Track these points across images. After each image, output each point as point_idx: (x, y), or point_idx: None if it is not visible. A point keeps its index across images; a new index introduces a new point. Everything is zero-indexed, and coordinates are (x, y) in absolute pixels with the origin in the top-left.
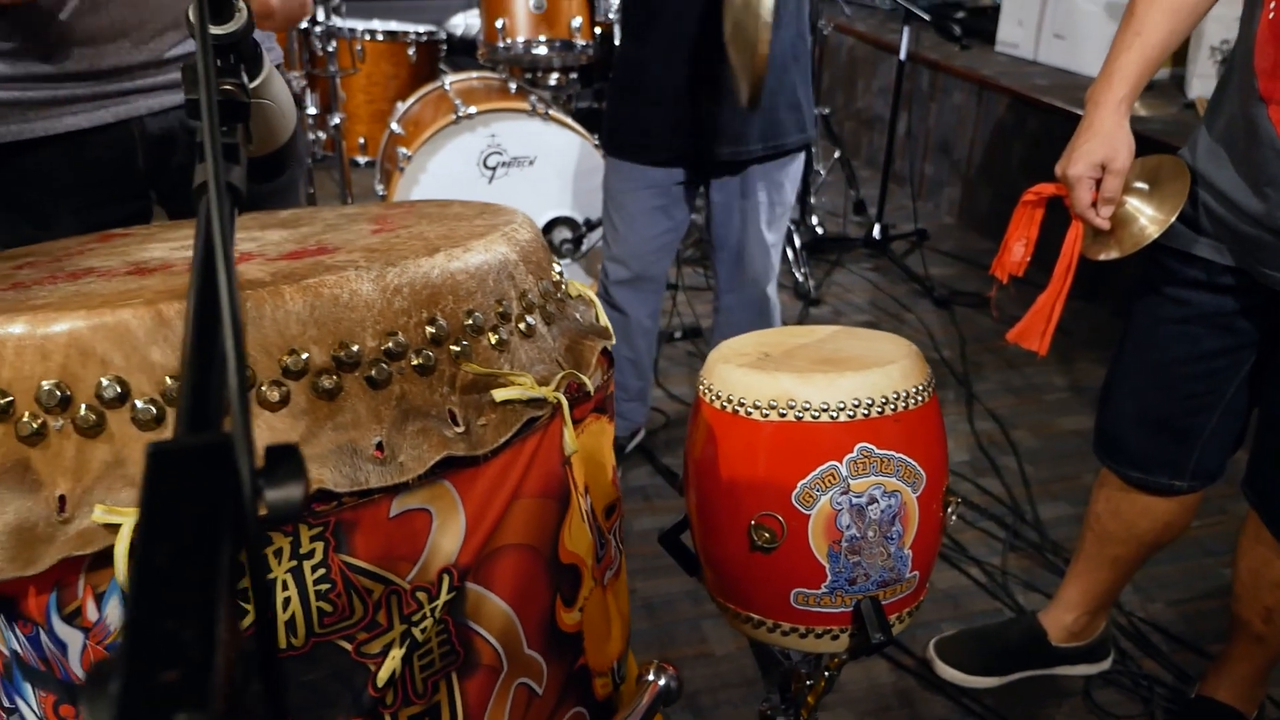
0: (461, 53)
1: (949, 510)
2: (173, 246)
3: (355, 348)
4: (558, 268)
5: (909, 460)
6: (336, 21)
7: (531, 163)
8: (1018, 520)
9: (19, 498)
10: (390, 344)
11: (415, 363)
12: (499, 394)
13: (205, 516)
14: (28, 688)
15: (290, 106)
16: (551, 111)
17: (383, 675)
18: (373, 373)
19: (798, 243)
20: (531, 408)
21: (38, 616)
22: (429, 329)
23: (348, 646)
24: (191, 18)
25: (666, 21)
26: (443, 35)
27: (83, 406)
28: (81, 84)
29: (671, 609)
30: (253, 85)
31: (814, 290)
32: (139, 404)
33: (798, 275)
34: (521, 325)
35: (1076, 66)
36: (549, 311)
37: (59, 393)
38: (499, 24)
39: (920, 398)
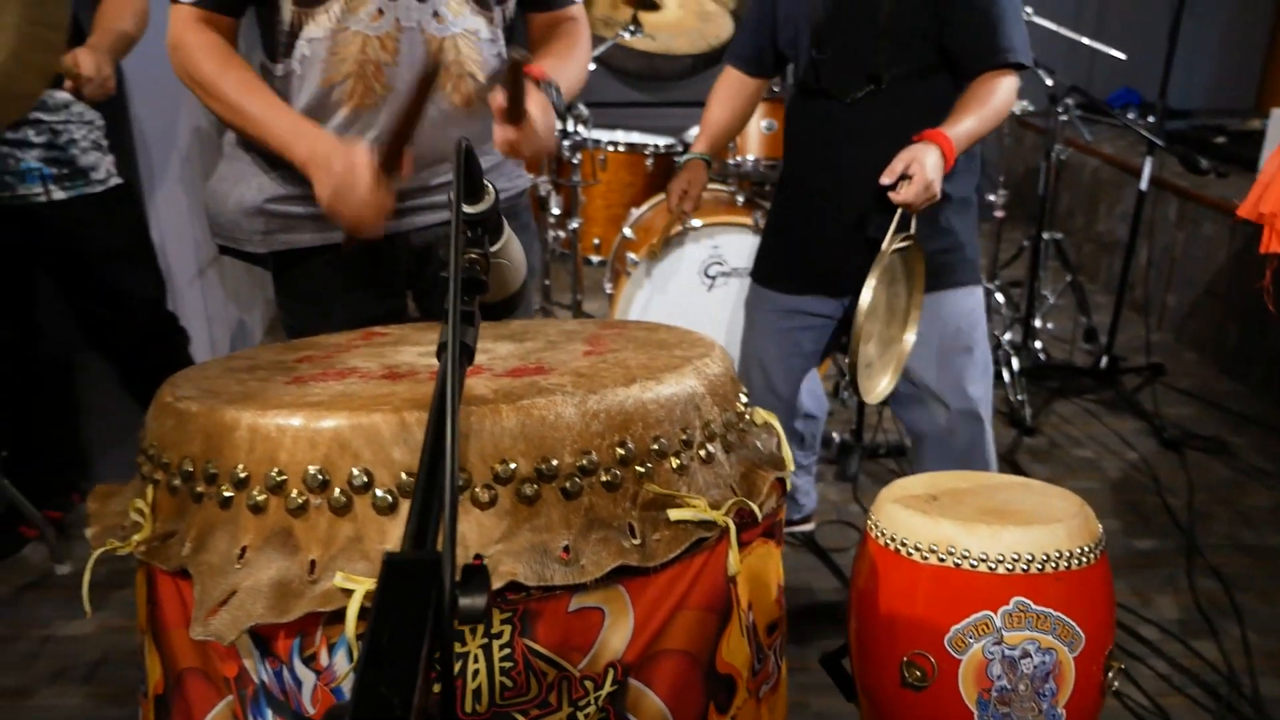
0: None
1: (1109, 675)
2: (420, 352)
3: (555, 462)
4: (744, 398)
5: (1067, 620)
6: (583, 132)
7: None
8: (1233, 693)
9: (282, 559)
10: (584, 461)
11: (604, 479)
12: (674, 514)
13: (417, 614)
14: (269, 712)
15: (522, 263)
16: None
17: None
18: (567, 485)
19: (1015, 366)
20: (702, 529)
21: (284, 656)
22: (619, 450)
23: None
24: (450, 198)
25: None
26: (680, 148)
27: (337, 490)
28: None
29: None
30: (493, 249)
31: (1030, 419)
32: (379, 492)
33: (1013, 401)
34: (702, 452)
35: None
36: (729, 440)
37: (320, 477)
38: (730, 143)
39: (1086, 559)
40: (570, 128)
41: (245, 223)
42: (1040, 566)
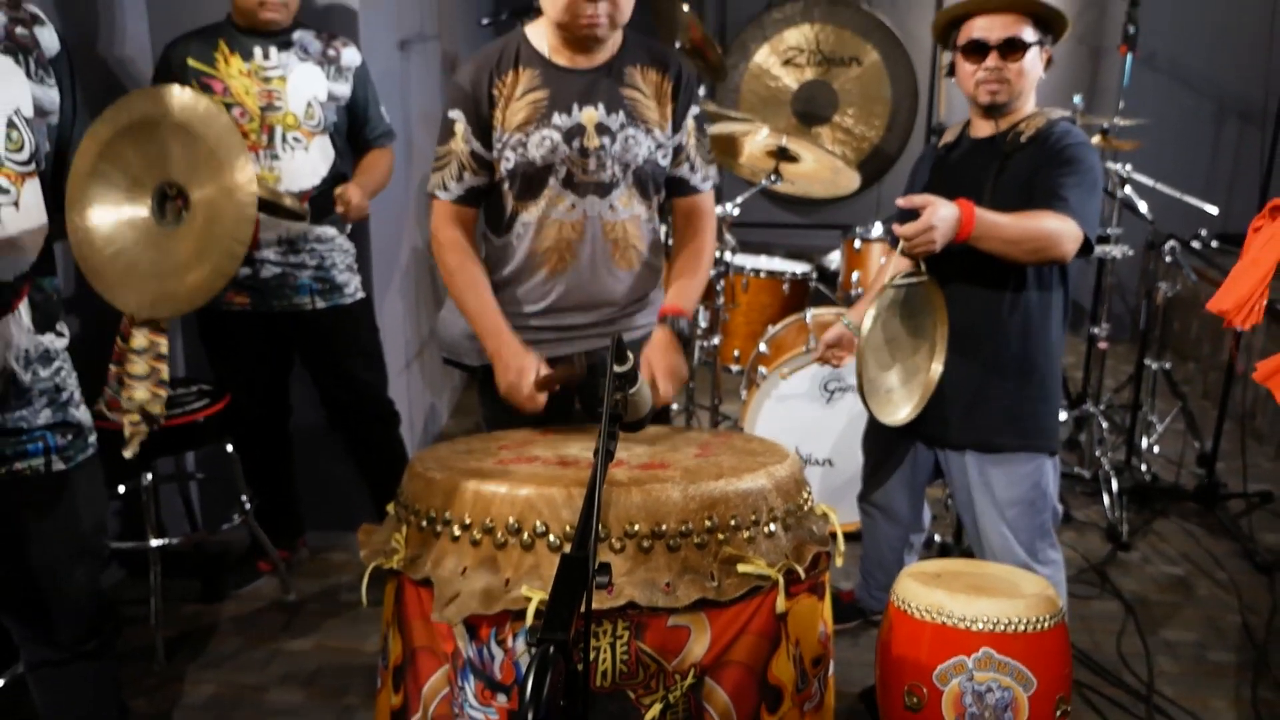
0: (833, 281)
1: (1058, 714)
2: (582, 447)
3: (664, 527)
4: (807, 493)
5: (1023, 667)
6: (729, 258)
7: None
8: None
9: (488, 575)
10: (683, 528)
11: (696, 541)
12: (742, 567)
13: (578, 580)
14: (471, 678)
15: (648, 398)
16: None
17: (649, 717)
18: (670, 543)
19: (1115, 487)
20: (760, 580)
21: (484, 639)
22: (707, 523)
23: (631, 695)
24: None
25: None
26: (814, 274)
27: (525, 534)
28: (548, 334)
29: None
30: (631, 392)
31: (1126, 535)
32: (552, 538)
33: (1110, 517)
34: (766, 529)
35: None
36: (788, 523)
37: (516, 525)
38: (854, 275)
39: (1042, 625)
40: (719, 255)
41: (466, 344)
42: (1004, 627)
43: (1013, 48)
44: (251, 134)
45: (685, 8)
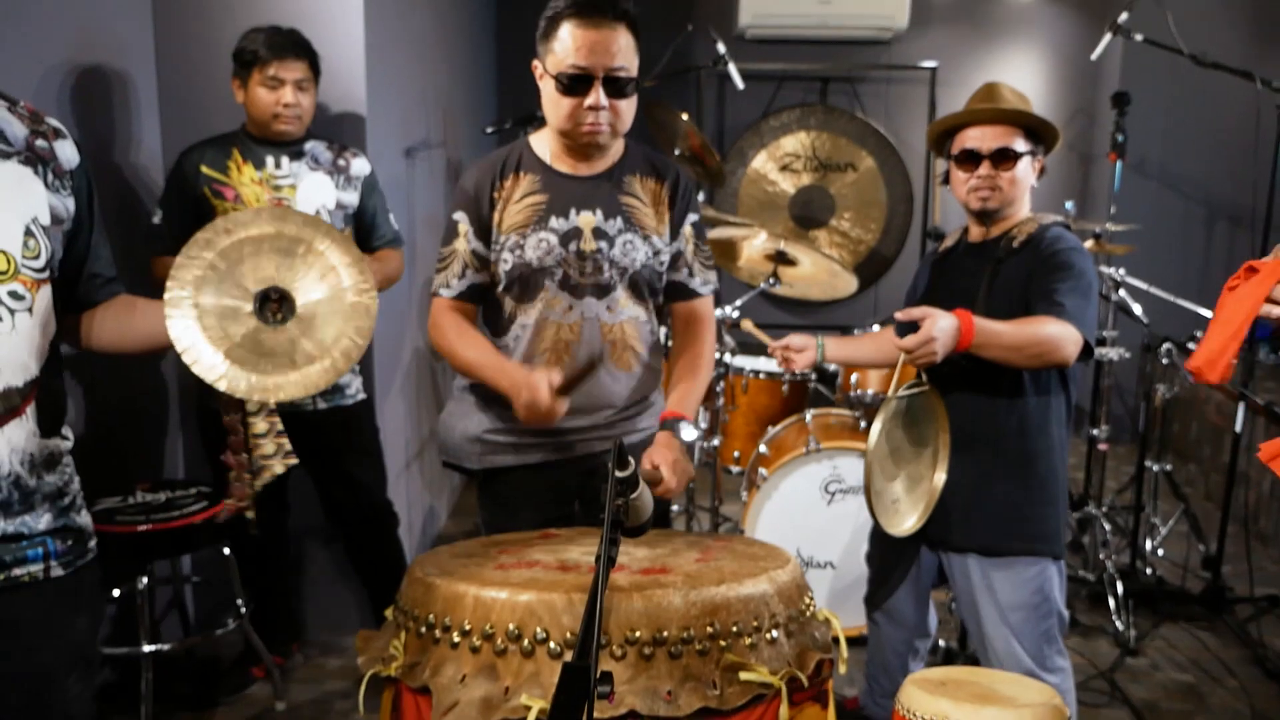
0: (832, 383)
1: None
2: (584, 551)
3: (665, 633)
4: (809, 599)
5: None
6: (729, 360)
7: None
8: None
9: (488, 683)
10: (685, 634)
11: (698, 648)
12: (744, 675)
13: (580, 688)
14: None
15: (649, 503)
16: None
17: None
18: (672, 650)
19: (1120, 590)
20: (763, 687)
21: None
22: (709, 629)
23: None
24: (609, 464)
25: None
26: (813, 375)
27: (525, 641)
28: (548, 438)
29: None
30: (632, 497)
31: (1133, 640)
32: (552, 645)
33: (1118, 624)
34: (768, 635)
35: None
36: (790, 629)
37: (516, 632)
38: (853, 377)
39: None
40: (718, 357)
41: (467, 447)
42: None
43: (1005, 157)
44: None
45: (684, 116)
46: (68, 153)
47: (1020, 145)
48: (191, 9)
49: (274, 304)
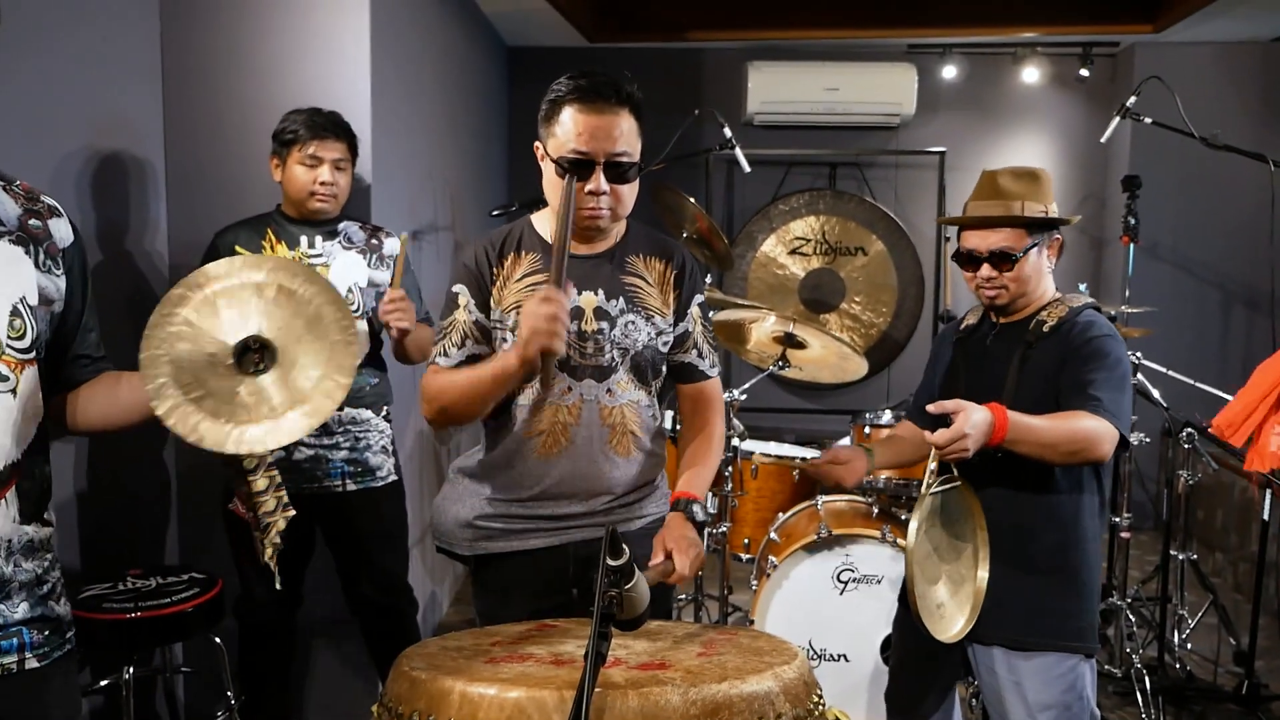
0: None
1: None
2: (578, 644)
3: None
4: (817, 696)
5: None
6: (736, 443)
7: (879, 581)
8: None
9: None
10: None
11: None
12: None
13: None
14: None
15: (645, 594)
16: (900, 541)
17: None
18: None
19: (1149, 686)
20: None
21: None
22: None
23: None
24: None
25: None
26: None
27: None
28: (543, 522)
29: None
30: (627, 588)
31: None
32: None
33: None
34: None
35: None
36: None
37: None
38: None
39: None
40: (727, 441)
41: (459, 532)
42: None
43: (1004, 259)
44: None
45: (692, 200)
46: (62, 231)
47: (1021, 244)
48: (200, 93)
49: (254, 354)
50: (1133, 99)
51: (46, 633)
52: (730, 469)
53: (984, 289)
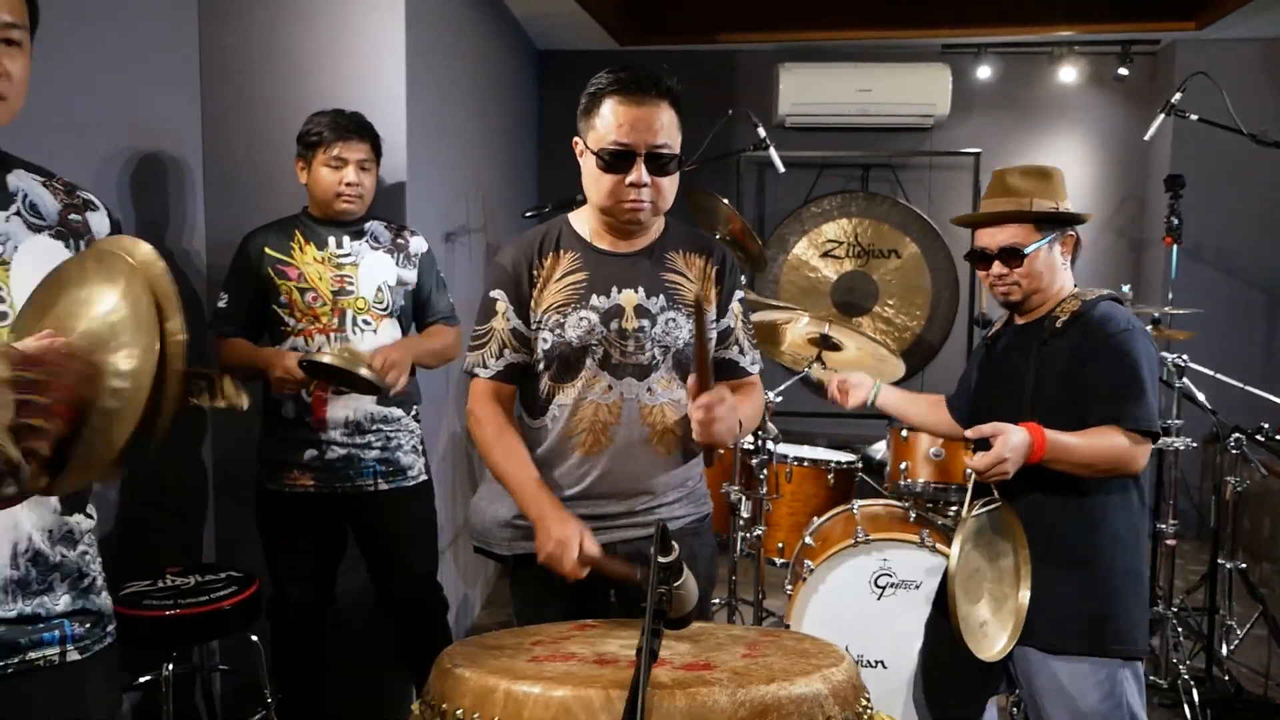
0: (880, 472)
1: None
2: (621, 644)
3: None
4: (865, 700)
5: None
6: (771, 447)
7: (917, 586)
8: None
9: None
10: None
11: None
12: None
13: None
14: None
15: (695, 592)
16: (939, 546)
17: None
18: None
19: (1196, 698)
20: None
21: None
22: None
23: None
24: (652, 550)
25: None
26: (859, 463)
27: None
28: (583, 521)
29: None
30: (676, 585)
31: None
32: None
33: None
34: None
35: None
36: None
37: None
38: (903, 466)
39: None
40: (761, 443)
41: (498, 531)
42: None
43: (1012, 255)
44: (323, 316)
45: (725, 201)
46: (100, 224)
47: (1029, 240)
48: (238, 94)
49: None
50: (1178, 95)
51: (88, 625)
52: (765, 472)
53: (996, 286)
